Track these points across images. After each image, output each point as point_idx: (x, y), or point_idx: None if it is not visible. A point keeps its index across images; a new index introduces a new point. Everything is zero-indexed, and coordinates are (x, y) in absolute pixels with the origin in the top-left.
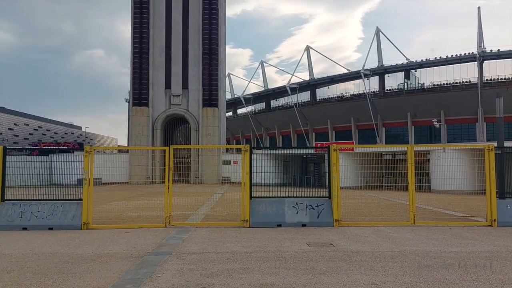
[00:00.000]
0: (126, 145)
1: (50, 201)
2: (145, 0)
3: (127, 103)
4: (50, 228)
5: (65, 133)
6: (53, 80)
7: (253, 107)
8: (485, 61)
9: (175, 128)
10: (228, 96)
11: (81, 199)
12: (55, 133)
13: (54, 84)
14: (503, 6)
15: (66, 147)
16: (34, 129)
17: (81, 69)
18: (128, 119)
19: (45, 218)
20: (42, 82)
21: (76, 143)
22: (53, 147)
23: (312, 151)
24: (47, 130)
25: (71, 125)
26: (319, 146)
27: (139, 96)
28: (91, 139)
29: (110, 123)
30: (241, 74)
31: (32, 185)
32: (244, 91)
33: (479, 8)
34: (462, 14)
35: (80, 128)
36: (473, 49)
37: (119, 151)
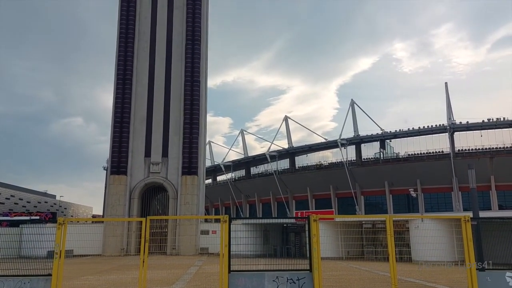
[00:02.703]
0: (102, 213)
1: (17, 277)
2: (129, 72)
3: (105, 171)
4: None
5: (38, 202)
6: (29, 147)
7: (233, 174)
8: (455, 132)
9: (153, 197)
10: (208, 163)
11: (50, 275)
12: (27, 202)
13: (30, 152)
14: (468, 81)
15: (38, 217)
16: (6, 198)
17: (59, 137)
18: (105, 187)
19: None
20: (17, 149)
21: (49, 213)
22: (24, 218)
23: (292, 220)
24: (19, 199)
25: (45, 194)
26: (299, 216)
27: (118, 164)
28: (65, 208)
29: (86, 192)
30: (221, 141)
31: None
32: (224, 158)
33: (446, 83)
34: (431, 88)
35: (54, 196)
36: (443, 120)
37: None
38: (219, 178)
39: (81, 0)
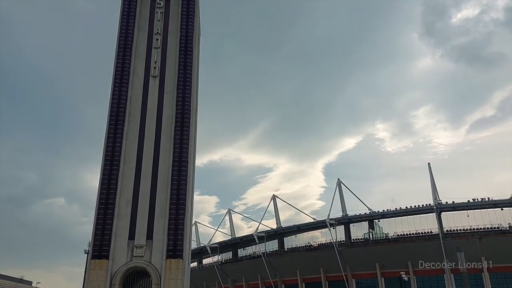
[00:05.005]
0: None
1: None
2: (117, 153)
3: (86, 254)
4: None
5: None
6: (6, 230)
7: (219, 257)
8: (442, 212)
9: (135, 282)
10: (194, 245)
11: None
12: None
13: (7, 234)
14: (450, 161)
15: None
16: None
17: (39, 218)
18: (85, 272)
19: None
20: None
21: None
22: None
23: None
24: None
25: (21, 280)
26: None
27: (100, 248)
28: None
29: (65, 277)
30: (207, 221)
31: None
32: (210, 239)
33: (429, 164)
34: (415, 167)
35: (30, 283)
36: (430, 199)
37: None
38: (205, 261)
39: (72, 81)
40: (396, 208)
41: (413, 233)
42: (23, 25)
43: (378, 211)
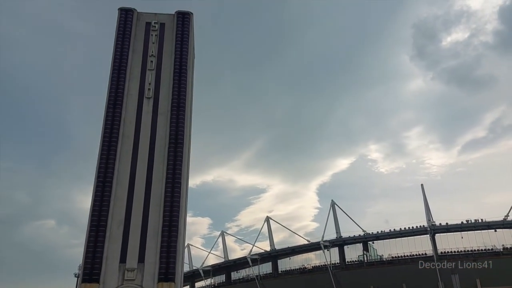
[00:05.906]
0: None
1: None
2: (110, 174)
3: (76, 278)
4: None
5: None
6: None
7: (212, 280)
8: (436, 234)
9: None
10: (186, 268)
11: None
12: None
13: None
14: (443, 182)
15: None
16: None
17: (28, 241)
18: None
19: None
20: None
21: None
22: None
23: None
24: None
25: None
26: None
27: (91, 271)
28: None
29: None
30: (200, 243)
31: None
32: (203, 262)
33: (422, 185)
34: (408, 188)
35: None
36: (423, 221)
37: None
38: (198, 284)
39: (66, 101)
40: (390, 230)
41: (407, 255)
42: (18, 45)
43: (372, 232)
